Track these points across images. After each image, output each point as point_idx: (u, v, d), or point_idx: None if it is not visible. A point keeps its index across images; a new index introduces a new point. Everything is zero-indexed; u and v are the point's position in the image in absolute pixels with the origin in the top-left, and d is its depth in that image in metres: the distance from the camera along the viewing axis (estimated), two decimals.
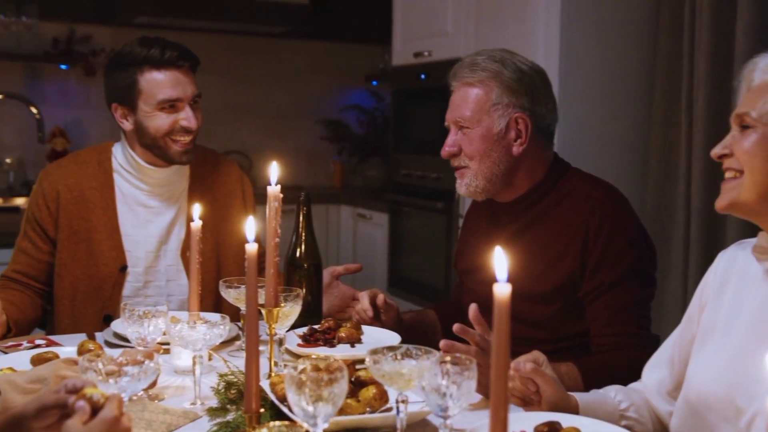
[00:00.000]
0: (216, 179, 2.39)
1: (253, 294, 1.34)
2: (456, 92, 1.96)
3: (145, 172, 2.27)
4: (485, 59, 1.92)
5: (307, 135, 5.50)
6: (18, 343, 1.91)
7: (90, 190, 2.25)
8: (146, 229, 2.27)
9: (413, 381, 1.27)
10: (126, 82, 2.19)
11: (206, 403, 1.53)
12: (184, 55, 2.22)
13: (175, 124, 2.19)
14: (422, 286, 4.11)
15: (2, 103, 4.45)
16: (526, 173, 1.95)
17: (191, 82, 2.24)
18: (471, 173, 1.94)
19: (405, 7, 4.22)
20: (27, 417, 1.16)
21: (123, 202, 2.27)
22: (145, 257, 2.27)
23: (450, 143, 1.96)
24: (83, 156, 2.32)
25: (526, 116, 1.90)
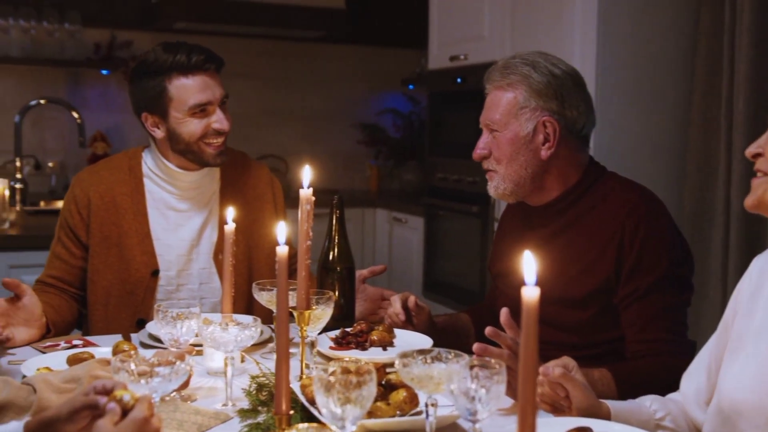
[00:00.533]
0: (246, 182, 2.40)
1: (284, 296, 1.35)
2: (489, 95, 1.96)
3: (176, 177, 2.28)
4: (518, 62, 1.91)
5: (344, 139, 5.52)
6: (56, 344, 1.94)
7: (121, 196, 2.26)
8: (177, 232, 2.29)
9: (442, 384, 1.27)
10: (155, 90, 2.19)
11: (237, 405, 1.54)
12: (209, 58, 2.22)
13: (207, 128, 2.21)
14: (457, 289, 4.09)
15: (45, 107, 4.53)
16: (557, 177, 1.93)
17: (218, 83, 2.24)
18: (499, 176, 1.94)
19: (441, 11, 4.22)
20: (59, 420, 1.18)
21: (154, 207, 2.28)
22: (177, 261, 2.28)
23: (481, 146, 1.96)
24: (114, 162, 2.34)
25: (554, 120, 1.89)
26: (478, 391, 1.19)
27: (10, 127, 4.26)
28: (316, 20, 4.90)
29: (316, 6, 4.84)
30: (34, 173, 4.59)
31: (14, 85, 4.68)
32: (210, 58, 2.22)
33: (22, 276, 3.08)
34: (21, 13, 4.50)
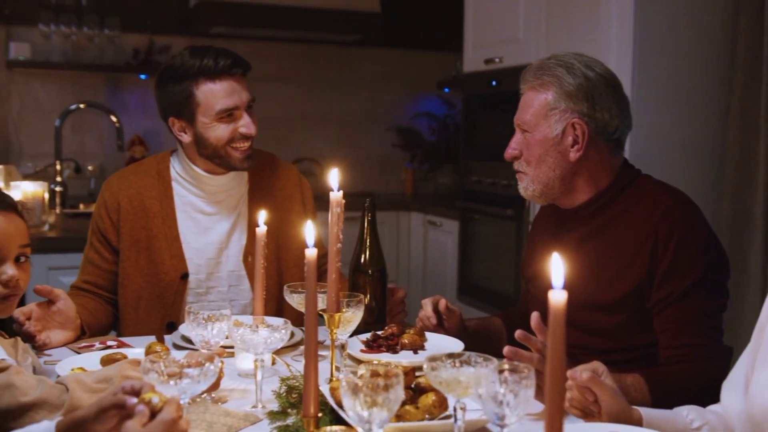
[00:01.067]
0: (275, 183, 2.40)
1: (313, 299, 1.35)
2: (523, 96, 1.95)
3: (203, 181, 2.29)
4: (552, 63, 1.90)
5: (379, 142, 5.53)
6: (90, 344, 1.97)
7: (150, 200, 2.27)
8: (206, 236, 2.30)
9: (471, 388, 1.26)
10: (182, 95, 2.19)
11: (267, 407, 1.55)
12: (236, 62, 2.21)
13: (234, 132, 2.21)
14: (492, 293, 4.07)
15: (85, 112, 4.60)
16: (587, 179, 1.91)
17: (245, 88, 2.24)
18: (528, 178, 1.93)
19: (476, 13, 4.20)
20: (88, 420, 1.19)
21: (182, 211, 2.29)
22: (206, 264, 2.29)
23: (513, 146, 1.96)
24: (143, 166, 2.35)
25: (583, 122, 1.87)
26: (506, 395, 1.18)
27: (50, 131, 4.34)
28: (352, 24, 4.92)
29: (352, 9, 4.86)
30: (74, 176, 4.66)
31: (55, 89, 4.76)
32: (237, 63, 2.21)
33: (60, 278, 3.14)
34: (62, 20, 4.58)
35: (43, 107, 4.72)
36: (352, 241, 2.08)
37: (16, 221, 1.62)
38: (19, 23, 4.62)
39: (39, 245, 1.72)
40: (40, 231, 3.38)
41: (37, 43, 4.62)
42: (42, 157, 4.62)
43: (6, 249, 1.59)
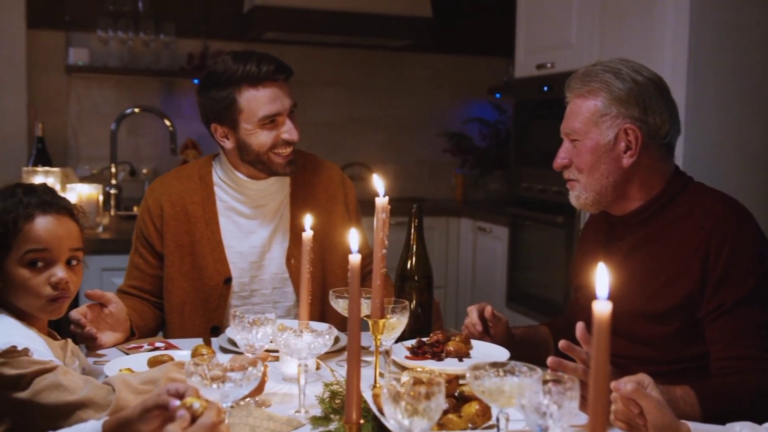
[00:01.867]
0: (317, 184, 2.39)
1: (356, 305, 1.35)
2: (569, 103, 1.92)
3: (245, 186, 2.30)
4: (598, 69, 1.87)
5: (430, 147, 5.52)
6: (139, 345, 2.00)
7: (192, 205, 2.28)
8: (249, 239, 2.30)
9: (514, 398, 1.24)
10: (225, 102, 2.19)
11: (310, 412, 1.55)
12: (279, 68, 2.21)
13: (277, 139, 2.21)
14: (541, 301, 4.03)
15: (140, 116, 4.68)
16: (640, 186, 1.88)
17: (287, 93, 2.23)
18: (580, 186, 1.90)
19: (529, 18, 4.17)
20: (133, 420, 1.21)
21: (225, 215, 2.30)
22: (250, 268, 2.30)
23: (561, 155, 1.93)
24: (185, 171, 2.36)
25: (636, 127, 1.83)
26: (550, 406, 1.16)
27: (107, 134, 4.43)
28: (404, 29, 4.92)
29: (404, 15, 4.86)
30: (129, 179, 4.74)
31: (112, 94, 4.85)
32: (279, 68, 2.21)
33: (113, 279, 3.20)
34: (120, 25, 4.67)
35: (100, 111, 4.81)
36: (399, 246, 2.08)
37: (69, 224, 1.65)
38: (78, 29, 4.72)
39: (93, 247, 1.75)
40: (94, 233, 3.44)
41: (95, 49, 4.71)
42: (98, 160, 4.72)
43: (56, 252, 1.61)
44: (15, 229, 1.57)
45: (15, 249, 1.58)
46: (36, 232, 1.59)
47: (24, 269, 1.59)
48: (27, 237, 1.58)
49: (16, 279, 1.59)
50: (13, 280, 1.59)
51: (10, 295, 1.60)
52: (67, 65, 4.67)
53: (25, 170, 3.55)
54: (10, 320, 1.58)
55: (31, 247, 1.59)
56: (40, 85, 4.67)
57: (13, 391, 1.44)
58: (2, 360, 1.46)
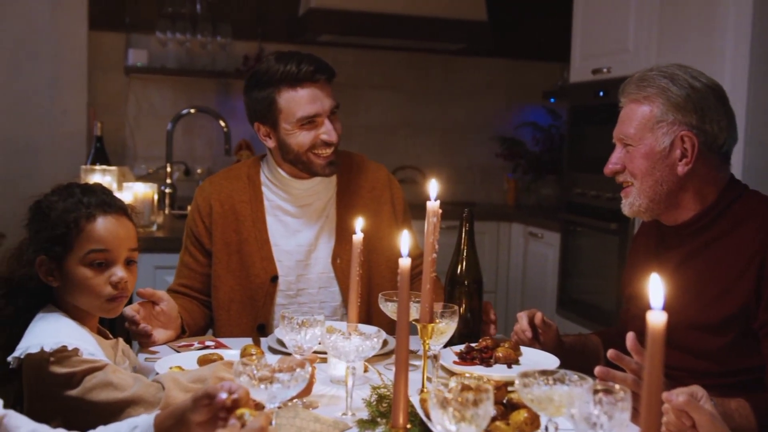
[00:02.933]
0: (363, 184, 2.40)
1: (405, 309, 1.34)
2: (623, 108, 1.89)
3: (290, 185, 2.32)
4: (655, 75, 1.83)
5: (482, 151, 5.49)
6: (190, 344, 2.02)
7: (240, 204, 2.31)
8: (296, 238, 2.32)
9: (563, 408, 1.22)
10: (266, 101, 2.21)
11: (357, 415, 1.55)
12: (319, 69, 2.21)
13: (316, 139, 2.21)
14: (592, 308, 3.97)
15: (195, 116, 4.75)
16: (694, 195, 1.84)
17: (328, 95, 2.23)
18: (635, 192, 1.87)
19: (585, 23, 4.12)
20: (186, 410, 1.24)
21: (272, 214, 2.32)
22: (296, 266, 2.31)
23: (614, 160, 1.90)
24: (234, 171, 2.39)
25: (692, 134, 1.79)
26: (600, 417, 1.14)
27: (163, 134, 4.50)
28: (458, 32, 4.90)
29: (459, 18, 4.84)
30: (184, 179, 4.81)
31: (169, 94, 4.93)
32: (319, 69, 2.21)
33: (166, 277, 3.24)
34: (178, 27, 4.74)
35: (157, 111, 4.89)
36: (450, 250, 2.06)
37: (127, 225, 1.67)
38: (137, 31, 4.81)
39: (146, 245, 1.78)
40: (148, 231, 3.50)
41: (153, 50, 4.80)
42: (154, 159, 4.80)
43: (117, 252, 1.64)
44: (77, 229, 1.60)
45: (77, 249, 1.60)
46: (98, 232, 1.61)
47: (85, 269, 1.61)
48: (89, 237, 1.61)
49: (76, 278, 1.61)
50: (74, 279, 1.61)
51: (68, 293, 1.63)
52: (126, 66, 4.75)
53: (84, 168, 3.63)
54: (63, 319, 1.61)
55: (94, 248, 1.61)
56: (100, 85, 4.77)
57: (65, 390, 1.47)
58: (53, 359, 1.49)
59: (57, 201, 1.61)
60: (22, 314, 1.62)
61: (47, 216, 1.60)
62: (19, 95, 4.40)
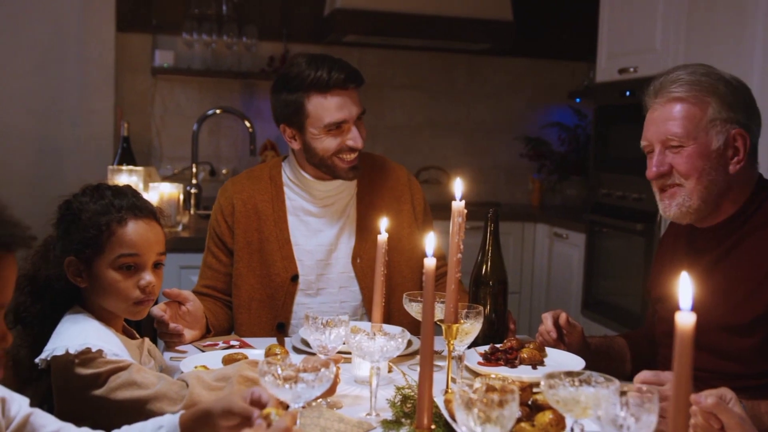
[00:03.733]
0: (383, 184, 2.41)
1: (430, 309, 1.34)
2: (660, 109, 1.83)
3: (312, 186, 2.33)
4: (696, 74, 1.79)
5: (507, 152, 5.47)
6: (215, 343, 2.03)
7: (262, 203, 2.33)
8: (316, 238, 2.33)
9: (590, 409, 1.21)
10: (294, 105, 2.22)
11: (381, 415, 1.54)
12: (349, 77, 2.22)
13: (342, 145, 2.23)
14: (618, 309, 3.94)
15: (221, 117, 4.77)
16: (733, 195, 1.80)
17: (355, 101, 2.24)
18: (685, 192, 1.80)
19: (611, 22, 4.09)
20: (214, 415, 1.25)
21: (293, 214, 2.34)
22: (316, 265, 2.32)
23: (658, 163, 1.82)
24: (256, 172, 2.41)
25: (744, 132, 1.77)
26: (627, 419, 1.13)
27: (189, 135, 4.53)
28: (483, 32, 4.89)
29: (484, 18, 4.82)
30: (209, 179, 4.84)
31: (195, 95, 4.95)
32: (350, 77, 2.22)
33: (191, 277, 3.26)
34: (204, 28, 4.77)
35: (183, 112, 4.92)
36: (473, 250, 2.06)
37: (157, 229, 1.68)
38: (164, 32, 4.84)
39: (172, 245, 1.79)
40: (174, 231, 3.52)
41: (180, 51, 4.82)
42: (180, 159, 4.83)
43: (146, 256, 1.65)
44: (108, 233, 1.60)
45: (107, 252, 1.61)
46: (129, 236, 1.62)
47: (115, 272, 1.62)
48: (121, 241, 1.61)
49: (105, 281, 1.62)
50: (103, 282, 1.62)
51: (96, 294, 1.64)
52: (152, 67, 4.79)
53: (111, 169, 3.66)
54: (89, 321, 1.62)
55: (125, 252, 1.62)
56: (127, 86, 4.81)
57: (90, 390, 1.49)
58: (78, 361, 1.50)
59: (88, 202, 1.62)
60: (48, 314, 1.63)
61: (78, 217, 1.61)
62: (48, 96, 4.46)
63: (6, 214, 1.08)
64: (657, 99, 1.84)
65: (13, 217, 1.09)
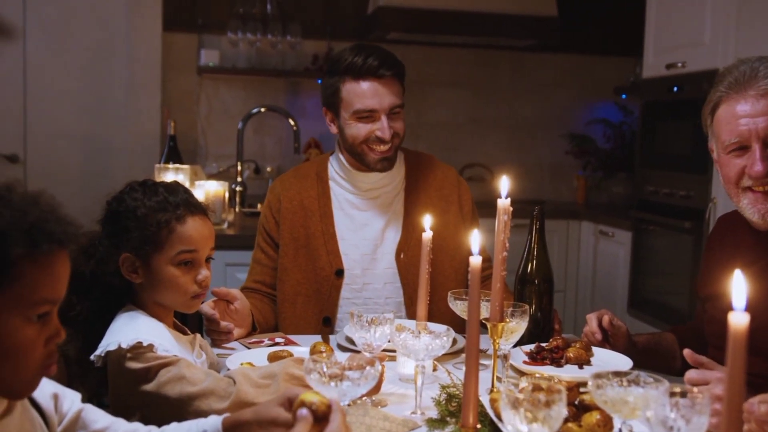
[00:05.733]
0: (432, 183, 2.40)
1: (476, 308, 1.33)
2: (753, 103, 1.75)
3: (355, 177, 2.35)
4: None
5: (551, 149, 5.42)
6: (260, 340, 2.05)
7: (309, 199, 2.35)
8: (362, 232, 2.34)
9: (638, 410, 1.20)
10: (332, 89, 2.27)
11: (426, 414, 1.54)
12: (384, 64, 2.22)
13: (370, 134, 2.24)
14: (665, 308, 3.88)
15: (266, 115, 4.80)
16: None
17: (391, 92, 2.24)
18: None
19: (659, 17, 4.02)
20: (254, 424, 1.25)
21: (339, 208, 2.35)
22: (361, 260, 2.33)
23: (764, 157, 1.74)
24: (303, 170, 2.44)
25: None
26: (677, 420, 1.11)
27: (234, 133, 4.57)
28: (528, 28, 4.85)
29: (528, 14, 4.78)
30: (254, 177, 4.87)
31: (240, 94, 5.00)
32: (384, 65, 2.22)
33: (237, 274, 3.29)
34: (249, 27, 4.80)
35: (228, 111, 4.97)
36: (518, 249, 2.04)
37: (209, 225, 1.72)
38: (209, 31, 4.89)
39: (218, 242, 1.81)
40: (220, 229, 3.55)
41: (225, 50, 4.87)
42: (225, 158, 4.87)
43: (202, 251, 1.68)
44: (167, 229, 1.63)
45: (167, 248, 1.63)
46: (188, 233, 1.64)
47: (174, 268, 1.64)
48: (180, 238, 1.64)
49: (164, 276, 1.64)
50: (161, 277, 1.64)
51: (153, 290, 1.66)
52: (198, 66, 4.84)
53: (158, 167, 3.70)
54: (141, 317, 1.63)
55: (184, 248, 1.64)
56: (173, 85, 4.87)
57: (141, 384, 1.51)
58: (130, 355, 1.53)
59: (141, 198, 1.64)
60: (96, 310, 1.64)
61: (133, 214, 1.62)
62: (97, 96, 4.53)
63: (60, 212, 1.10)
64: (748, 91, 1.76)
65: (67, 215, 1.11)
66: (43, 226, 1.06)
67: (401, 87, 2.29)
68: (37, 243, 1.05)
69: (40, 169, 4.45)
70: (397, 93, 2.26)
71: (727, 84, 1.79)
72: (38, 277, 1.06)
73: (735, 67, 1.81)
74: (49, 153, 4.48)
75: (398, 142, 2.29)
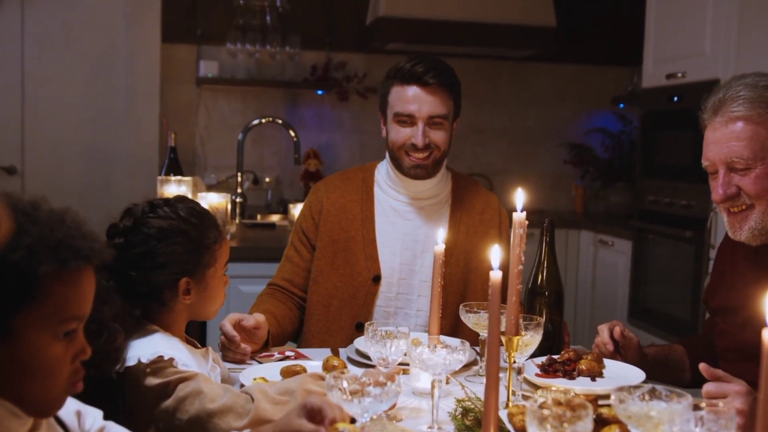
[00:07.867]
0: (475, 205, 2.41)
1: (496, 322, 1.32)
2: (722, 128, 1.78)
3: (400, 183, 2.36)
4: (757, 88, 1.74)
5: (550, 158, 5.43)
6: (270, 354, 2.03)
7: (351, 203, 2.36)
8: (403, 240, 2.33)
9: (662, 425, 1.19)
10: (383, 92, 2.33)
11: (443, 428, 1.53)
12: (429, 72, 2.24)
13: (407, 140, 2.27)
14: (666, 318, 3.89)
15: (265, 126, 4.79)
16: None
17: (434, 101, 2.25)
18: (756, 215, 1.76)
19: (658, 26, 4.04)
20: None
21: (382, 215, 2.35)
22: (399, 269, 2.32)
23: (724, 185, 1.78)
24: (349, 174, 2.45)
25: None
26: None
27: (233, 144, 4.56)
28: (527, 39, 4.86)
29: (527, 24, 4.80)
30: (253, 188, 4.86)
31: (239, 105, 4.99)
32: (430, 72, 2.24)
33: (239, 286, 3.28)
34: (248, 38, 4.80)
35: (228, 122, 4.96)
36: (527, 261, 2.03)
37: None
38: (209, 43, 4.89)
39: None
40: None
41: (224, 61, 4.86)
42: (223, 169, 4.87)
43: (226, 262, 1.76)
44: (218, 245, 1.70)
45: (218, 266, 1.71)
46: (227, 250, 1.75)
47: (218, 281, 1.73)
48: (224, 253, 1.74)
49: (213, 291, 1.71)
50: (210, 293, 1.70)
51: (197, 305, 1.70)
52: (197, 77, 4.83)
53: (160, 179, 3.69)
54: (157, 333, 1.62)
55: (226, 262, 1.75)
56: (172, 96, 4.86)
57: (160, 401, 1.50)
58: (149, 370, 1.52)
59: (187, 220, 1.67)
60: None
61: (188, 237, 1.64)
62: (96, 107, 4.52)
63: (85, 229, 1.10)
64: (717, 117, 1.79)
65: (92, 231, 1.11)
66: (70, 242, 1.06)
67: (450, 99, 2.30)
68: (64, 260, 1.04)
69: (38, 181, 4.43)
70: (441, 103, 2.27)
71: (707, 109, 1.82)
72: (66, 295, 1.06)
73: (715, 92, 1.82)
74: (47, 165, 4.46)
75: (438, 155, 2.30)
